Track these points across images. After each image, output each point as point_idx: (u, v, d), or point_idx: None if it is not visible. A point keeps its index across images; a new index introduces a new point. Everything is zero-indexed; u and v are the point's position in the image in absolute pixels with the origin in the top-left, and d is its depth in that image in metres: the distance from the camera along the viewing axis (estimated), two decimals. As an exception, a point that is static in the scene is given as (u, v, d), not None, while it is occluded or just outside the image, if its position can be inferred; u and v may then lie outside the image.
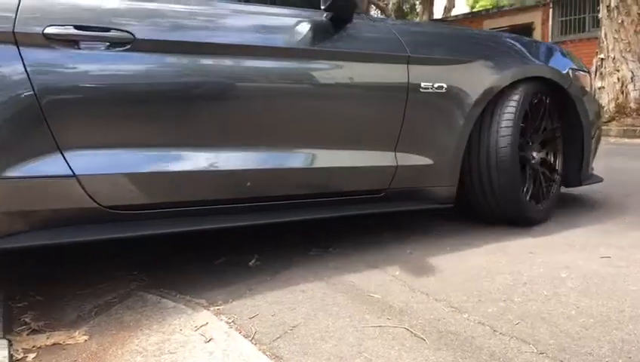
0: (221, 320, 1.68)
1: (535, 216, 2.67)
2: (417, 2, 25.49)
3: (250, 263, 2.18)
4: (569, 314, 1.64)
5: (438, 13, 22.67)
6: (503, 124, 2.49)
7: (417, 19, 24.16)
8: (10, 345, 1.58)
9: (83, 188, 1.75)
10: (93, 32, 1.76)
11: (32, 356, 1.54)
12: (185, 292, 1.91)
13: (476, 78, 2.46)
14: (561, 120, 2.81)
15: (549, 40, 14.84)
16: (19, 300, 1.92)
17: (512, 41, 2.78)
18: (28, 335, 1.68)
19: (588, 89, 2.93)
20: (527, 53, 2.73)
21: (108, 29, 1.78)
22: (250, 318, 1.68)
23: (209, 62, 1.95)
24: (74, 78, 1.74)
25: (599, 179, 3.11)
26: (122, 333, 1.65)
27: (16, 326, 1.73)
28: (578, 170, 2.88)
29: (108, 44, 1.78)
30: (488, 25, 16.67)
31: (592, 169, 3.10)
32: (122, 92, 1.80)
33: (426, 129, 2.36)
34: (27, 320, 1.77)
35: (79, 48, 1.75)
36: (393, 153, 2.29)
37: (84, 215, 1.79)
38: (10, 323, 1.74)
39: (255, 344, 1.52)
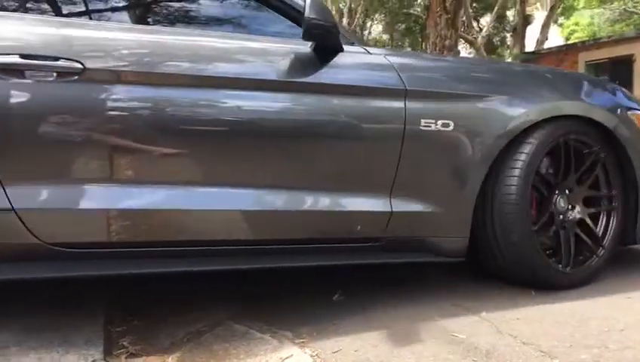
0: (305, 352, 1.71)
1: (560, 280, 2.26)
2: (509, 35, 25.07)
3: (334, 298, 2.20)
4: (670, 365, 1.54)
5: (530, 45, 22.18)
6: (511, 171, 2.17)
7: (508, 53, 23.72)
8: (110, 366, 1.69)
9: (23, 222, 1.71)
10: (40, 61, 1.71)
11: (128, 377, 1.64)
12: (271, 323, 1.96)
13: (491, 116, 2.16)
14: (620, 172, 2.42)
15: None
16: (118, 324, 2.03)
17: (542, 74, 2.52)
18: (126, 358, 1.78)
19: None
20: (560, 89, 2.39)
21: (57, 58, 1.72)
22: (334, 352, 1.70)
23: (167, 94, 1.84)
24: (18, 108, 1.70)
25: None
26: (211, 361, 1.72)
27: (115, 348, 1.84)
28: (633, 228, 2.45)
29: (56, 73, 1.71)
30: (584, 57, 16.11)
31: None
32: (69, 124, 1.74)
33: (428, 172, 2.11)
34: (125, 343, 1.88)
35: (24, 78, 1.69)
36: (387, 198, 2.06)
37: (25, 251, 1.74)
38: (110, 346, 1.85)
39: (338, 378, 1.53)
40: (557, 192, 2.31)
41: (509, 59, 22.80)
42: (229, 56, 1.99)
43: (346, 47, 2.08)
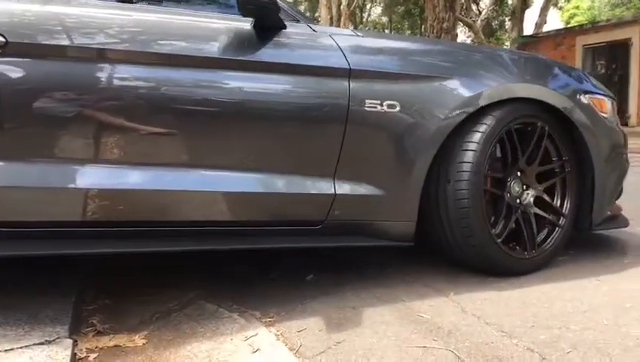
0: (270, 331, 1.73)
1: (514, 266, 2.21)
2: (507, 19, 24.92)
3: (308, 278, 2.22)
4: (626, 346, 1.56)
5: (529, 29, 22.06)
6: (464, 152, 2.10)
7: (507, 36, 23.62)
8: (75, 344, 1.70)
9: None
10: None
11: (93, 356, 1.65)
12: (241, 303, 1.98)
13: (440, 98, 2.09)
14: (573, 153, 2.37)
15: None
16: (89, 303, 2.05)
17: (497, 56, 2.42)
18: (93, 336, 1.79)
19: (605, 115, 2.45)
20: (515, 71, 2.34)
21: None
22: (298, 331, 1.72)
23: (97, 70, 1.79)
24: None
25: (622, 224, 2.60)
26: (178, 339, 1.73)
27: (84, 326, 1.86)
28: (589, 211, 2.40)
29: None
30: (582, 41, 16.04)
31: (621, 210, 2.63)
32: None
33: (372, 155, 2.04)
34: (95, 321, 1.90)
35: None
36: (331, 180, 2.00)
37: None
38: (79, 323, 1.87)
39: (299, 357, 1.55)
40: (510, 177, 2.26)
41: (508, 43, 22.71)
42: (166, 32, 1.91)
43: (289, 25, 2.03)
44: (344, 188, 2.01)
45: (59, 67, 1.76)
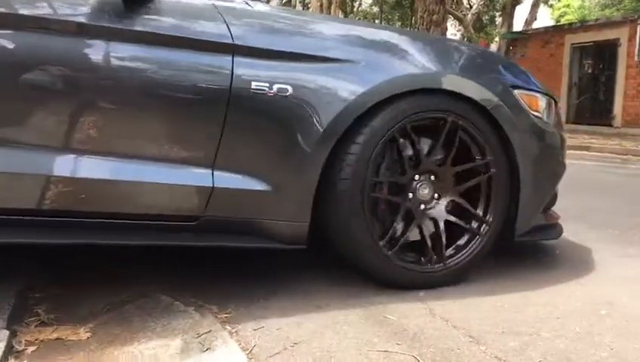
0: (225, 329, 1.62)
1: (417, 279, 1.97)
2: (498, 14, 24.88)
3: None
4: (599, 357, 1.47)
5: (519, 25, 22.02)
6: (350, 148, 1.85)
7: (496, 32, 23.59)
8: (14, 335, 1.58)
9: None
10: None
11: (31, 349, 1.53)
12: (199, 297, 1.87)
13: (339, 84, 1.84)
14: (502, 153, 2.06)
15: (636, 59, 14.07)
16: (38, 291, 1.93)
17: (410, 41, 2.10)
18: (36, 327, 1.67)
19: (537, 114, 2.15)
20: (428, 59, 2.05)
21: None
22: (255, 330, 1.62)
23: None
24: None
25: (552, 234, 2.32)
26: (125, 334, 1.62)
27: (28, 316, 1.74)
28: (513, 220, 2.10)
29: None
30: (571, 40, 16.02)
31: (557, 218, 2.38)
32: None
33: (259, 144, 1.81)
34: (40, 311, 1.77)
35: None
36: (210, 171, 1.77)
37: None
38: (22, 313, 1.74)
39: (250, 358, 1.45)
40: (415, 179, 1.99)
41: (497, 39, 22.68)
42: None
43: None
44: (225, 180, 1.78)
45: None
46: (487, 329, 1.63)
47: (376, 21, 26.85)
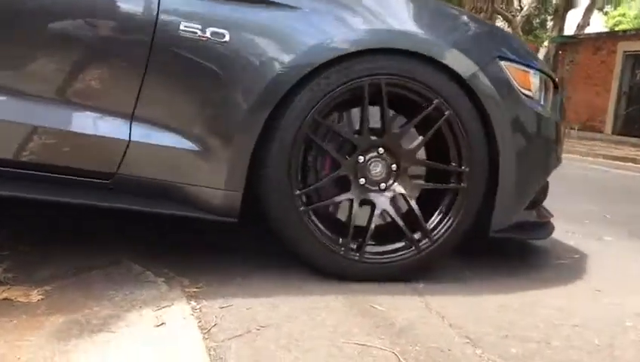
0: (189, 304, 1.44)
1: (353, 271, 1.70)
2: (549, 18, 24.12)
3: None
4: (617, 374, 1.24)
5: (570, 30, 21.27)
6: (287, 116, 1.61)
7: (546, 35, 22.89)
8: (-40, 291, 1.44)
9: None
10: None
11: (-27, 308, 1.38)
12: (174, 268, 1.69)
13: (288, 35, 1.61)
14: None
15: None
16: (3, 248, 1.78)
17: None
18: (-13, 285, 1.53)
19: (528, 93, 1.83)
20: (397, 15, 1.76)
21: None
22: (222, 308, 1.43)
23: None
24: None
25: (539, 234, 2.04)
26: (80, 300, 1.45)
27: (-16, 273, 1.59)
28: (490, 211, 1.80)
29: None
30: (623, 47, 15.33)
31: (550, 217, 2.11)
32: None
33: (186, 96, 1.58)
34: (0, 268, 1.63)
35: None
36: (127, 122, 1.54)
37: None
38: (-22, 269, 1.60)
39: (206, 338, 1.26)
40: (367, 155, 1.72)
41: (546, 42, 21.99)
42: None
43: None
44: (143, 134, 1.55)
45: None
46: (487, 331, 1.41)
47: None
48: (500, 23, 20.46)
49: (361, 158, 1.71)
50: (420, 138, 1.76)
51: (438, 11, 1.87)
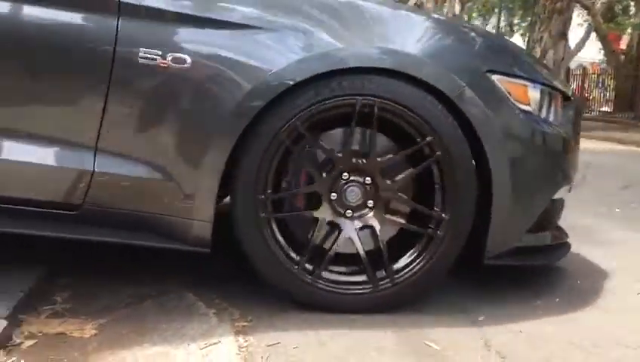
0: (237, 341, 1.42)
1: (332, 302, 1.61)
2: (632, 3, 22.82)
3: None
4: None
5: (655, 16, 20.01)
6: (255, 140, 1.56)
7: (629, 22, 21.68)
8: (19, 325, 1.48)
9: None
10: None
11: (29, 343, 1.42)
12: (226, 296, 1.68)
13: (250, 57, 1.54)
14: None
15: None
16: (64, 275, 1.82)
17: (345, 5, 1.68)
18: (46, 317, 1.56)
19: (527, 108, 1.70)
20: (376, 32, 1.65)
21: None
22: (268, 346, 1.40)
23: None
24: None
25: (546, 259, 1.88)
26: (131, 335, 1.46)
27: (44, 303, 1.63)
28: (483, 235, 1.66)
29: None
30: None
31: (565, 238, 1.96)
32: None
33: (148, 125, 1.57)
34: (58, 299, 1.67)
35: None
36: (92, 153, 1.52)
37: None
38: (39, 299, 1.64)
39: (250, 383, 1.23)
40: (346, 179, 1.63)
41: (629, 29, 20.82)
42: None
43: None
44: (108, 164, 1.54)
45: None
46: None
47: (495, 10, 25.63)
48: (578, 11, 19.56)
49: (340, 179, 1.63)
50: (407, 171, 1.65)
51: (428, 27, 1.77)
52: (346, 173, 1.63)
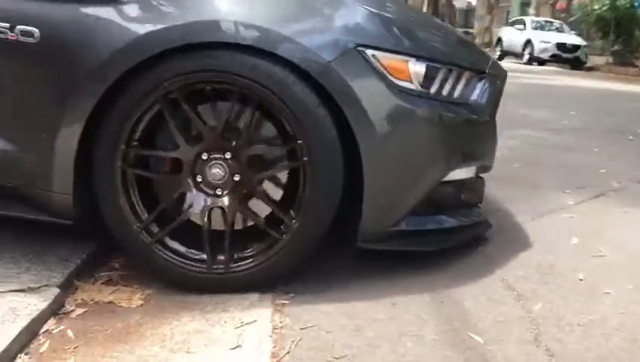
0: (272, 321, 1.41)
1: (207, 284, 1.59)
2: None
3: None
4: None
5: None
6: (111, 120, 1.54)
7: None
8: (74, 291, 1.55)
9: None
10: None
11: (79, 311, 1.48)
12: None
13: (101, 31, 1.50)
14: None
15: None
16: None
17: None
18: (101, 284, 1.63)
19: (409, 86, 1.58)
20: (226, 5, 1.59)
21: None
22: (302, 329, 1.37)
23: None
24: None
25: (434, 244, 1.73)
26: (172, 309, 1.49)
27: (103, 269, 1.70)
28: (357, 217, 1.58)
29: None
30: None
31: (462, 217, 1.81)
32: None
33: (4, 98, 1.57)
34: (115, 265, 1.73)
35: None
36: None
37: None
38: (99, 264, 1.71)
39: (275, 368, 1.21)
40: (206, 157, 1.57)
41: None
42: None
43: None
44: None
45: None
46: None
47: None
48: None
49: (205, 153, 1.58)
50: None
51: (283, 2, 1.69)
52: (212, 150, 1.57)
